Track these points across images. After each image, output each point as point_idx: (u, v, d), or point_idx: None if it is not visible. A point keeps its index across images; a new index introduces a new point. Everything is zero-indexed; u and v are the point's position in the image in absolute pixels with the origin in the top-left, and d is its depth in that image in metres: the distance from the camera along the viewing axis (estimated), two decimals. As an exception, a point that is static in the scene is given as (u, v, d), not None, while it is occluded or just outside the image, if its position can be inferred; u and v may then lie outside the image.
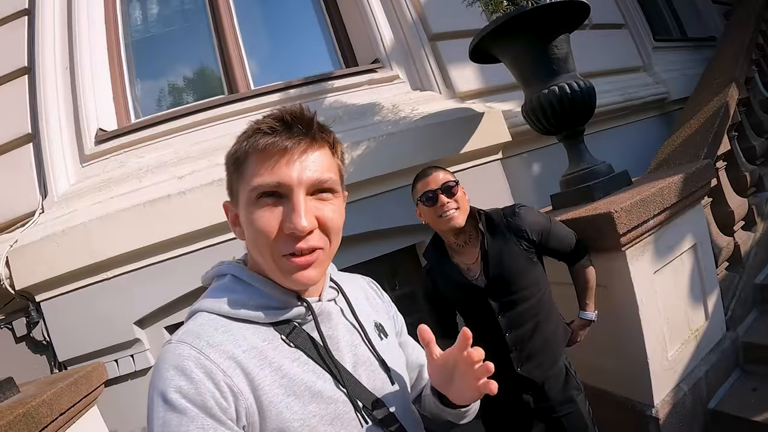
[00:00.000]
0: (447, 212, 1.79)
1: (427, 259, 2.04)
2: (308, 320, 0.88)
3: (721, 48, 4.62)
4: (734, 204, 3.16)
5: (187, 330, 0.78)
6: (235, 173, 0.84)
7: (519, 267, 1.86)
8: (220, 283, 0.88)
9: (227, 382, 0.72)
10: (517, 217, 1.90)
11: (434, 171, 1.87)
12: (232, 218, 0.89)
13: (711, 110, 3.31)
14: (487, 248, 1.86)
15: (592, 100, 2.54)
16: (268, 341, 0.81)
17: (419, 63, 3.36)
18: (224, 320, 0.80)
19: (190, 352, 0.73)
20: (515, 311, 1.85)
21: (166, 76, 3.37)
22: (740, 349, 2.76)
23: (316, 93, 3.14)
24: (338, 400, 0.83)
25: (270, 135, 0.79)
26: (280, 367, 0.79)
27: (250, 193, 0.80)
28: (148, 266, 2.51)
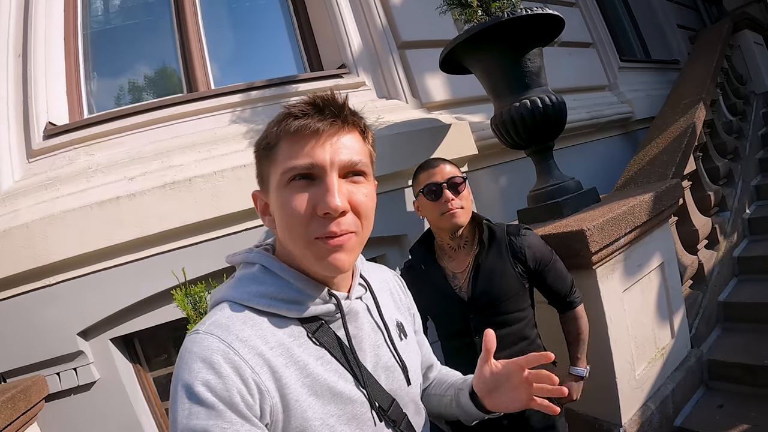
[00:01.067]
0: (451, 210, 1.67)
1: (412, 255, 1.91)
2: (336, 318, 0.87)
3: (688, 70, 4.75)
4: (698, 223, 3.21)
5: (214, 321, 0.77)
6: (266, 159, 0.83)
7: (509, 289, 1.74)
8: (248, 272, 0.85)
9: (255, 379, 0.71)
10: (520, 237, 1.78)
11: (441, 163, 1.75)
12: (262, 207, 0.88)
13: (678, 130, 3.37)
14: (482, 260, 1.74)
15: (563, 116, 2.53)
16: (294, 338, 0.80)
17: (387, 71, 3.29)
18: (251, 313, 0.79)
19: (219, 345, 0.72)
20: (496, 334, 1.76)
21: (124, 71, 3.20)
22: (705, 367, 2.79)
23: (278, 96, 3.02)
24: (357, 400, 0.83)
25: (301, 118, 0.78)
26: (305, 366, 0.78)
27: (282, 177, 0.79)
28: (94, 273, 2.35)
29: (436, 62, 2.76)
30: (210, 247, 2.47)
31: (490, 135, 2.92)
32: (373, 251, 2.89)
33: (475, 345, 1.73)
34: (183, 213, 2.37)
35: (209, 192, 2.42)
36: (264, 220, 0.88)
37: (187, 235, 2.43)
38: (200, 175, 2.42)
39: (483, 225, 1.78)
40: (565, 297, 1.84)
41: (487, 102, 2.79)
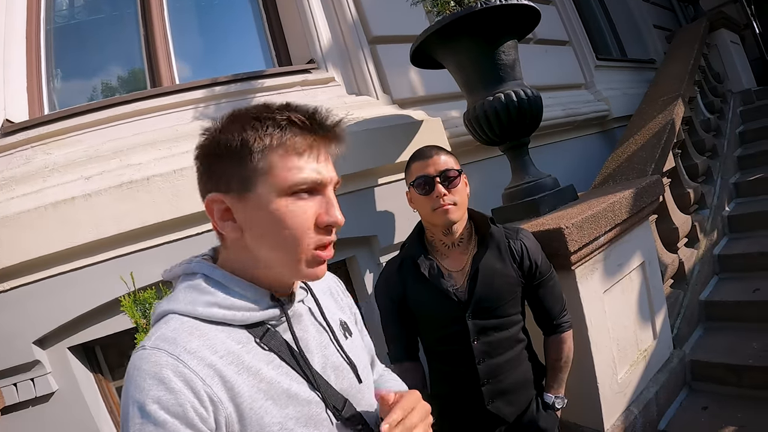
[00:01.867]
0: (443, 206, 1.56)
1: (403, 251, 1.77)
2: (281, 322, 0.87)
3: (666, 67, 4.75)
4: (678, 221, 3.16)
5: (160, 335, 0.75)
6: (250, 163, 0.79)
7: (508, 292, 1.64)
8: (191, 282, 0.83)
9: (207, 391, 0.71)
10: (520, 239, 1.69)
11: (436, 153, 1.63)
12: (222, 213, 0.82)
13: (657, 126, 3.32)
14: (482, 260, 1.62)
15: (539, 111, 2.44)
16: (243, 344, 0.79)
17: (357, 66, 3.21)
18: (198, 323, 0.78)
19: (167, 359, 0.70)
20: (493, 338, 1.64)
21: (88, 67, 3.10)
22: (687, 368, 2.74)
23: (244, 92, 2.92)
24: (311, 401, 0.83)
25: (305, 129, 0.80)
26: (257, 371, 0.78)
27: (284, 188, 0.79)
28: (49, 278, 2.22)
29: (408, 57, 2.68)
30: (170, 249, 2.36)
31: (464, 132, 2.85)
32: (342, 253, 2.79)
33: (472, 350, 1.63)
34: (140, 214, 2.27)
35: (169, 192, 2.31)
36: (223, 226, 0.83)
37: (145, 237, 2.33)
38: (159, 174, 2.31)
39: (487, 223, 1.68)
40: (554, 318, 1.73)
41: (461, 99, 2.72)
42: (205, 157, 0.84)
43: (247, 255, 0.84)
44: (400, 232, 2.77)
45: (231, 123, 0.81)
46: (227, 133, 0.80)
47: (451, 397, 1.72)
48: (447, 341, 1.68)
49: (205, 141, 0.83)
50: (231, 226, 0.83)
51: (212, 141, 0.82)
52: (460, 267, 1.68)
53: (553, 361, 1.75)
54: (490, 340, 1.63)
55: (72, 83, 3.04)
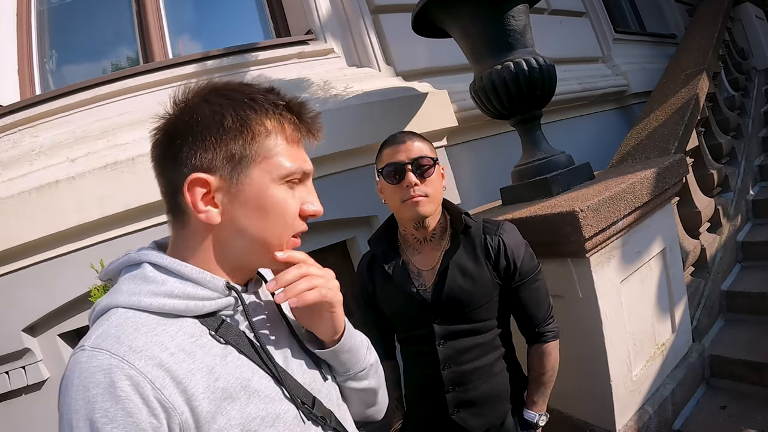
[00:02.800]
0: (413, 197, 1.39)
1: (372, 247, 1.62)
2: (237, 312, 0.80)
3: (688, 41, 4.49)
4: (701, 204, 2.96)
5: (102, 333, 0.66)
6: (248, 145, 0.75)
7: (481, 295, 1.46)
8: (135, 272, 0.75)
9: (157, 396, 0.63)
10: (500, 235, 1.48)
11: (409, 138, 1.46)
12: (203, 195, 0.74)
13: (680, 102, 3.09)
14: (452, 259, 1.46)
15: (552, 81, 2.23)
16: (196, 338, 0.72)
17: (358, 36, 3.07)
18: (144, 316, 0.69)
19: (110, 361, 0.62)
20: (460, 344, 1.48)
21: (80, 46, 3.06)
22: (706, 363, 2.58)
23: (237, 65, 2.82)
24: (276, 398, 0.76)
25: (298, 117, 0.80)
26: (212, 368, 0.70)
27: (281, 174, 0.76)
28: (36, 264, 2.20)
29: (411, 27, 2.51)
30: (154, 233, 2.28)
31: (471, 105, 2.68)
32: (343, 234, 2.70)
33: (437, 353, 1.48)
34: (125, 196, 2.22)
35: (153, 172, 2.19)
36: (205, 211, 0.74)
37: (129, 220, 2.28)
38: (145, 154, 2.24)
39: (460, 218, 1.49)
40: (537, 326, 1.52)
41: (468, 71, 2.56)
42: (183, 131, 0.74)
43: (212, 243, 0.78)
44: None
45: (219, 97, 0.75)
46: (219, 107, 0.74)
47: (419, 401, 1.60)
48: (414, 342, 1.54)
49: (180, 112, 0.75)
50: (213, 212, 0.75)
51: (196, 113, 0.74)
52: (430, 265, 1.51)
53: (535, 374, 1.55)
54: (458, 345, 1.47)
55: (65, 63, 3.02)
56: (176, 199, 0.76)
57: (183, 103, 0.76)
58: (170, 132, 0.75)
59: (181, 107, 0.76)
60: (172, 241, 0.81)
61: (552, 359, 1.53)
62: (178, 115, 0.75)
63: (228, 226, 0.76)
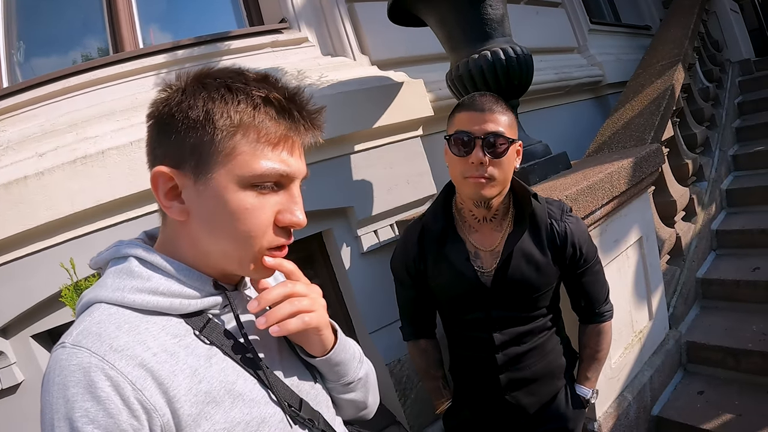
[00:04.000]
0: (476, 177, 1.26)
1: (428, 218, 1.47)
2: (224, 312, 0.77)
3: (664, 32, 4.55)
4: (676, 193, 2.99)
5: (83, 329, 0.64)
6: (210, 141, 0.67)
7: (544, 284, 1.39)
8: (120, 266, 0.72)
9: (138, 398, 0.61)
10: (565, 222, 1.39)
11: (489, 107, 1.28)
12: (169, 190, 0.70)
13: (656, 92, 3.12)
14: (518, 243, 1.35)
15: (530, 71, 2.20)
16: (180, 338, 0.69)
17: (333, 25, 3.01)
18: (128, 313, 0.67)
19: (90, 360, 0.60)
20: (516, 330, 1.42)
21: (48, 37, 2.94)
22: (683, 349, 2.62)
23: (209, 55, 2.74)
24: (261, 401, 0.73)
25: (281, 111, 0.70)
26: (195, 370, 0.68)
27: (246, 177, 0.68)
28: (6, 264, 2.11)
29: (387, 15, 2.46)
30: (126, 229, 2.21)
31: (448, 95, 2.65)
32: (317, 225, 2.62)
33: (493, 339, 1.41)
34: (95, 191, 2.12)
35: (125, 166, 2.15)
36: (169, 207, 0.70)
37: (101, 216, 2.18)
38: (115, 147, 2.15)
39: (529, 199, 1.37)
40: (595, 307, 1.51)
41: (445, 60, 2.51)
42: (158, 121, 0.70)
43: (187, 241, 0.74)
44: (379, 203, 2.59)
45: (197, 85, 0.69)
46: (190, 97, 0.67)
47: (470, 382, 1.55)
48: (467, 326, 1.46)
49: (162, 101, 0.70)
50: (177, 207, 0.71)
51: (170, 103, 0.69)
52: (490, 246, 1.40)
53: (591, 351, 1.54)
54: (514, 332, 1.42)
55: (33, 55, 2.90)
56: None
57: (170, 88, 0.71)
58: (151, 120, 0.72)
59: (167, 93, 0.71)
60: (160, 234, 0.78)
61: (608, 337, 1.55)
62: (160, 100, 0.71)
63: (195, 227, 0.72)
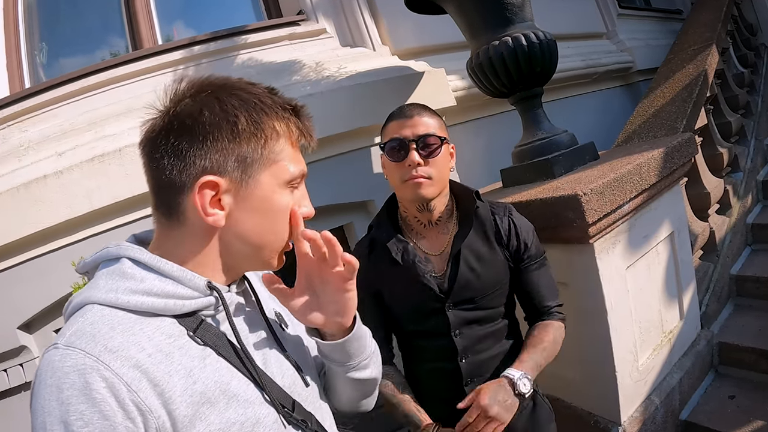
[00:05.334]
0: (414, 177, 1.30)
1: (375, 231, 1.49)
2: (218, 312, 0.78)
3: (695, 15, 4.35)
4: (710, 185, 2.85)
5: (76, 330, 0.64)
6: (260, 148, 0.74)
7: (496, 281, 1.40)
8: (113, 267, 0.73)
9: (133, 399, 0.61)
10: (508, 215, 1.43)
11: (418, 112, 1.36)
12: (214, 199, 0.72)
13: (688, 78, 2.96)
14: (464, 243, 1.37)
15: (553, 57, 2.11)
16: (174, 338, 0.70)
17: (351, 16, 2.98)
18: (121, 314, 0.68)
19: (84, 361, 0.60)
20: (475, 332, 1.40)
21: (68, 37, 3.04)
22: (715, 351, 2.48)
23: (226, 49, 2.75)
24: (255, 401, 0.75)
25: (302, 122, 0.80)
26: (190, 371, 0.69)
27: (286, 179, 0.77)
28: (28, 261, 2.22)
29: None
30: (143, 225, 2.20)
31: (470, 85, 2.61)
32: (339, 219, 2.65)
33: (454, 344, 1.39)
34: (112, 188, 2.21)
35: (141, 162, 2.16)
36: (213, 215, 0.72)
37: (118, 213, 2.26)
38: (132, 144, 2.22)
39: (472, 198, 1.41)
40: (543, 308, 1.45)
41: (466, 49, 2.45)
42: (191, 129, 0.70)
43: (209, 245, 0.76)
44: None
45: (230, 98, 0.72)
46: (233, 108, 0.72)
47: (432, 398, 1.47)
48: (425, 335, 1.44)
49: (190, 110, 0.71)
50: (219, 215, 0.73)
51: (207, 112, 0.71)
52: (438, 250, 1.42)
53: (534, 339, 1.39)
54: (474, 334, 1.40)
55: (54, 55, 3.00)
56: (174, 197, 0.73)
57: (188, 98, 0.72)
58: (173, 128, 0.71)
59: (186, 103, 0.72)
60: (157, 238, 0.78)
61: (554, 333, 1.41)
62: (184, 110, 0.71)
63: (231, 229, 0.75)
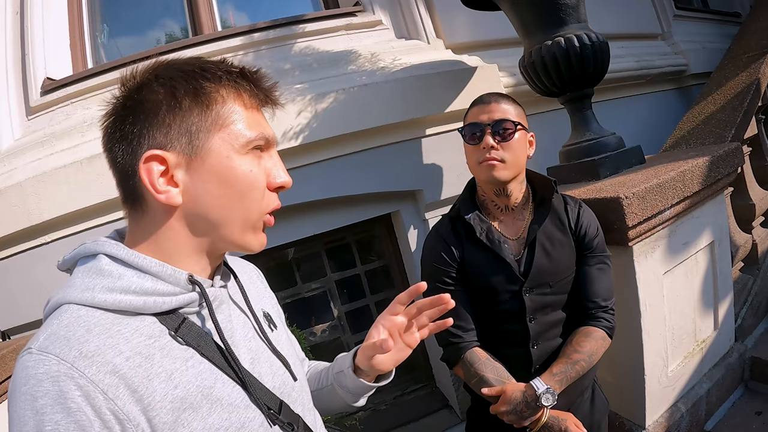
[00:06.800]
0: (487, 160, 1.37)
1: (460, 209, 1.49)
2: (200, 309, 0.74)
3: (752, 21, 4.17)
4: (756, 197, 2.78)
5: (50, 334, 0.61)
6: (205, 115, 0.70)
7: (568, 263, 1.44)
8: (89, 264, 0.69)
9: (110, 407, 0.58)
10: (578, 208, 1.49)
11: (496, 100, 1.43)
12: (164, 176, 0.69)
13: (740, 86, 2.88)
14: (540, 228, 1.42)
15: (605, 59, 2.10)
16: (154, 339, 0.66)
17: (407, 8, 2.96)
18: (99, 315, 0.64)
19: (59, 368, 0.57)
20: (547, 318, 1.43)
21: (129, 19, 3.11)
22: (747, 364, 2.43)
23: (284, 37, 2.78)
24: (240, 405, 0.71)
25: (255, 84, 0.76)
26: (171, 374, 0.65)
27: (243, 143, 0.72)
28: (86, 230, 2.28)
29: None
30: None
31: (521, 81, 2.58)
32: (387, 207, 2.67)
33: (528, 329, 1.42)
34: None
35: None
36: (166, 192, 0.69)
37: None
38: None
39: (550, 186, 1.47)
40: (593, 308, 1.43)
41: (519, 45, 2.43)
42: (132, 110, 0.69)
43: (174, 228, 0.72)
44: (448, 187, 2.60)
45: (169, 71, 0.70)
46: (168, 80, 0.69)
47: None
48: (499, 318, 1.45)
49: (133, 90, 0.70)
50: (173, 192, 0.69)
51: (143, 90, 0.69)
52: (515, 234, 1.46)
53: (570, 349, 1.40)
54: (546, 320, 1.43)
55: (115, 37, 3.07)
56: (131, 184, 0.71)
57: (131, 82, 0.71)
58: (119, 114, 0.70)
59: (129, 86, 0.70)
60: (130, 231, 0.75)
61: (594, 344, 1.39)
62: (126, 94, 0.70)
63: (191, 206, 0.71)
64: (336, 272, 2.71)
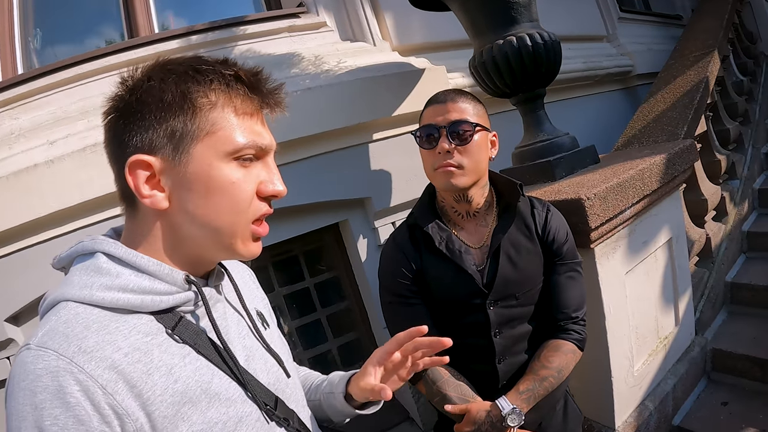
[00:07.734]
0: (444, 166, 1.26)
1: (417, 217, 1.40)
2: (197, 308, 0.75)
3: (697, 21, 4.34)
4: (708, 191, 2.85)
5: (49, 330, 0.62)
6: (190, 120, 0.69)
7: (535, 273, 1.35)
8: (87, 263, 0.70)
9: (109, 403, 0.59)
10: (546, 212, 1.39)
11: (452, 98, 1.30)
12: (146, 179, 0.69)
13: (689, 84, 2.95)
14: (506, 234, 1.32)
15: (557, 58, 2.08)
16: (152, 336, 0.67)
17: (352, 9, 2.90)
18: (96, 312, 0.65)
19: (58, 363, 0.58)
20: (516, 332, 1.35)
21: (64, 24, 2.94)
22: (708, 357, 2.49)
23: (224, 40, 2.67)
24: (238, 400, 0.73)
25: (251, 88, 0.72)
26: (170, 370, 0.66)
27: (229, 150, 0.69)
28: (16, 252, 2.11)
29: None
30: None
31: (471, 83, 2.55)
32: (334, 216, 2.57)
33: (493, 344, 1.33)
34: (104, 179, 2.08)
35: None
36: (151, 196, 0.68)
37: (109, 204, 2.15)
38: None
39: (515, 190, 1.36)
40: (562, 320, 1.35)
41: (469, 47, 2.41)
42: (124, 112, 0.69)
43: (165, 232, 0.73)
44: (398, 194, 2.51)
45: (163, 71, 0.69)
46: (160, 82, 0.68)
47: None
48: (462, 333, 1.32)
49: (127, 91, 0.70)
50: (158, 197, 0.69)
51: (137, 91, 0.68)
52: (478, 242, 1.36)
53: (537, 365, 1.31)
54: (512, 334, 1.34)
55: (48, 41, 2.89)
56: (124, 183, 0.70)
57: (129, 81, 0.71)
58: (115, 113, 0.70)
59: (127, 86, 0.70)
60: (126, 229, 0.75)
61: (563, 358, 1.31)
62: (122, 94, 0.70)
63: (177, 212, 0.71)
64: (284, 286, 2.61)
